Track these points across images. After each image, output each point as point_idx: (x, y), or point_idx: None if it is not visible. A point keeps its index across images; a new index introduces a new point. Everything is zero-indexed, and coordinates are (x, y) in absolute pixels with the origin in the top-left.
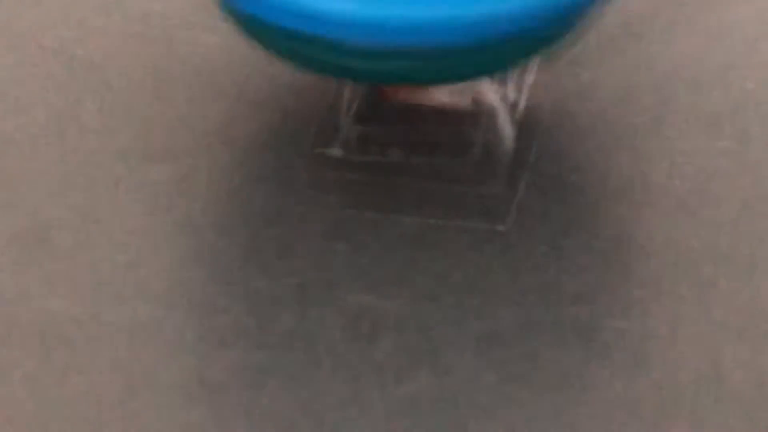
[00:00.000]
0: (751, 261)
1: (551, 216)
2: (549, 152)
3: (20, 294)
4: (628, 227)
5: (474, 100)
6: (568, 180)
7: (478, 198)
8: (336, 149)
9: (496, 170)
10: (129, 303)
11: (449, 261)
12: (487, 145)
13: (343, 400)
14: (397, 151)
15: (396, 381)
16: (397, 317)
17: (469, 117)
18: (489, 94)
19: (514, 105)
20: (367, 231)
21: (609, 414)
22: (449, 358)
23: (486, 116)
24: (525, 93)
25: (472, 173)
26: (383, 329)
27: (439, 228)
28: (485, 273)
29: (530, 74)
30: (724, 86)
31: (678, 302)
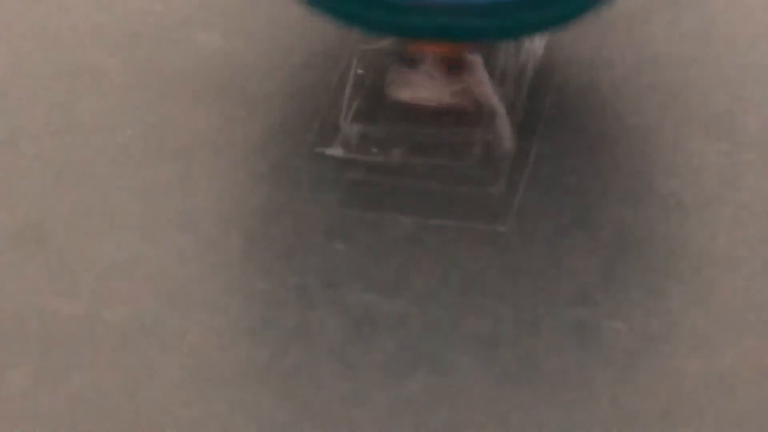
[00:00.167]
0: (751, 261)
1: (551, 216)
2: (549, 152)
3: (20, 294)
4: (628, 227)
5: (474, 101)
6: (568, 180)
7: (478, 198)
8: (336, 149)
9: (496, 170)
10: (129, 303)
11: (449, 261)
12: (487, 145)
13: (344, 400)
14: (397, 151)
15: (396, 381)
16: (397, 317)
17: (469, 117)
18: (489, 95)
19: (514, 105)
20: (367, 231)
21: (609, 414)
22: (449, 358)
23: (486, 116)
24: (525, 93)
25: (472, 173)
26: (383, 329)
27: (439, 228)
28: (485, 273)
29: (530, 75)
30: (724, 86)
31: (678, 302)
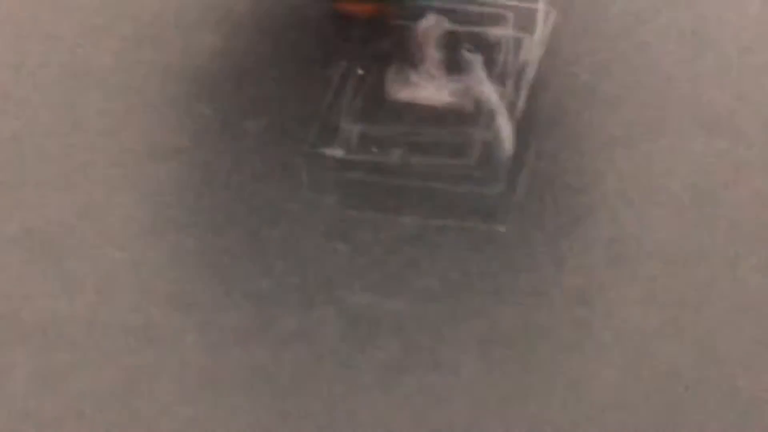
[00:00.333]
0: (752, 260)
1: (551, 216)
2: (549, 152)
3: (21, 294)
4: (628, 227)
5: (474, 101)
6: (568, 180)
7: (478, 198)
8: (336, 149)
9: (496, 170)
10: (129, 303)
11: (449, 261)
12: (487, 145)
13: (344, 400)
14: (397, 151)
15: (396, 381)
16: (397, 317)
17: (469, 117)
18: (489, 95)
19: (514, 105)
20: (367, 231)
21: (609, 414)
22: (449, 358)
23: (486, 116)
24: (524, 93)
25: (472, 173)
26: (383, 329)
27: (439, 228)
28: (485, 273)
29: (530, 74)
30: (724, 86)
31: (678, 302)
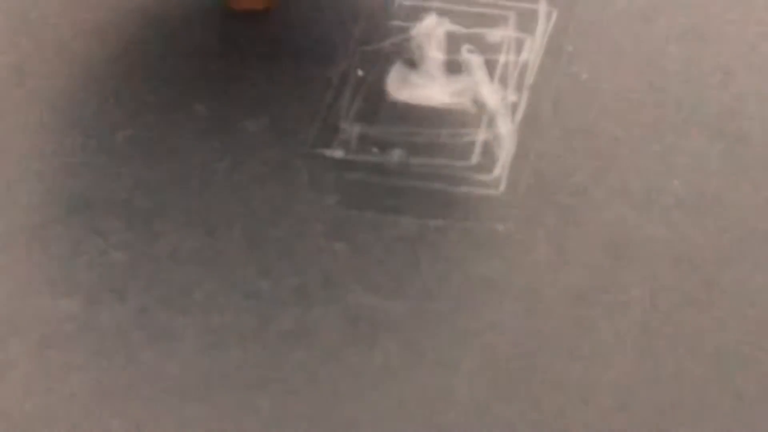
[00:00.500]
0: (752, 260)
1: (551, 216)
2: (549, 153)
3: (20, 294)
4: (628, 227)
5: (474, 101)
6: (568, 180)
7: (478, 198)
8: (336, 149)
9: (496, 171)
10: (129, 303)
11: (449, 261)
12: (487, 146)
13: (344, 400)
14: (397, 152)
15: (396, 381)
16: (398, 317)
17: (470, 117)
18: (489, 95)
19: (514, 106)
20: (367, 231)
21: (609, 414)
22: (449, 358)
23: (486, 117)
24: (525, 94)
25: (473, 174)
26: (383, 329)
27: (439, 228)
28: (485, 273)
29: (530, 75)
30: (724, 87)
31: (678, 302)
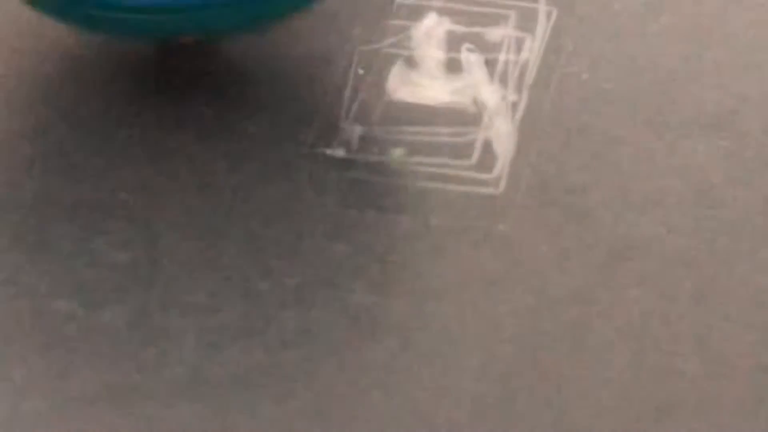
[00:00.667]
0: (752, 260)
1: (551, 216)
2: (549, 152)
3: (20, 294)
4: (628, 227)
5: (474, 101)
6: (568, 180)
7: (479, 198)
8: (336, 149)
9: (496, 171)
10: (129, 303)
11: (449, 261)
12: (487, 146)
13: (344, 400)
14: (397, 151)
15: (396, 381)
16: (398, 317)
17: (470, 117)
18: (489, 95)
19: (515, 105)
20: (367, 231)
21: (609, 414)
22: (450, 358)
23: (486, 116)
24: (525, 93)
25: (473, 174)
26: (383, 329)
27: (439, 228)
28: (485, 273)
29: (530, 75)
30: (724, 86)
31: (679, 302)
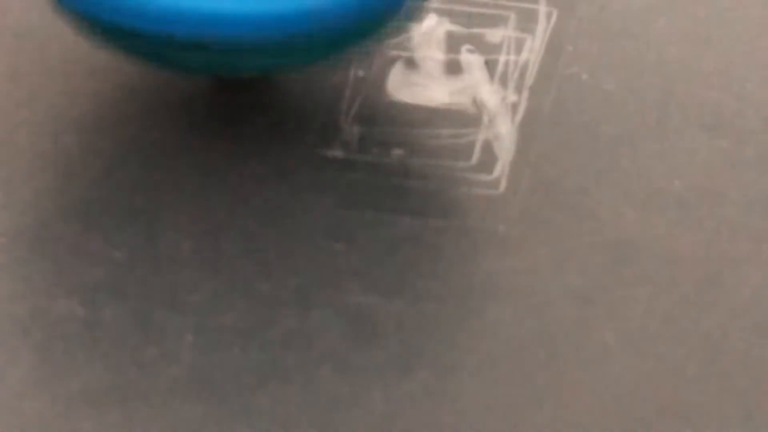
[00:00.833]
0: (752, 260)
1: (551, 216)
2: (549, 153)
3: (20, 294)
4: (629, 227)
5: (474, 101)
6: (569, 180)
7: (479, 198)
8: (336, 149)
9: (497, 171)
10: (129, 303)
11: (449, 261)
12: (487, 146)
13: (343, 400)
14: (397, 152)
15: (396, 381)
16: (398, 317)
17: (470, 118)
18: (489, 95)
19: (515, 106)
20: (367, 231)
21: (610, 414)
22: (449, 359)
23: (486, 117)
24: (525, 94)
25: (473, 174)
26: (383, 329)
27: (439, 228)
28: (485, 273)
29: (530, 75)
30: (724, 86)
31: (679, 302)
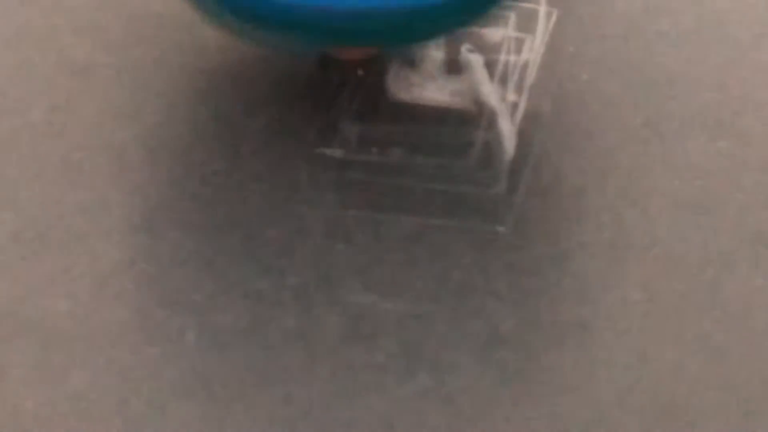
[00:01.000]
0: (752, 260)
1: (551, 216)
2: (549, 153)
3: (20, 294)
4: (628, 227)
5: (474, 101)
6: (568, 180)
7: (478, 198)
8: (336, 149)
9: (497, 171)
10: (129, 303)
11: (449, 261)
12: (487, 146)
13: (344, 400)
14: (397, 151)
15: (396, 381)
16: (398, 317)
17: (470, 117)
18: (489, 95)
19: (515, 106)
20: (367, 231)
21: (609, 414)
22: (449, 358)
23: (486, 117)
24: (525, 94)
25: (473, 174)
26: (383, 329)
27: (439, 228)
28: (485, 273)
29: (530, 75)
30: (724, 86)
31: (678, 302)
